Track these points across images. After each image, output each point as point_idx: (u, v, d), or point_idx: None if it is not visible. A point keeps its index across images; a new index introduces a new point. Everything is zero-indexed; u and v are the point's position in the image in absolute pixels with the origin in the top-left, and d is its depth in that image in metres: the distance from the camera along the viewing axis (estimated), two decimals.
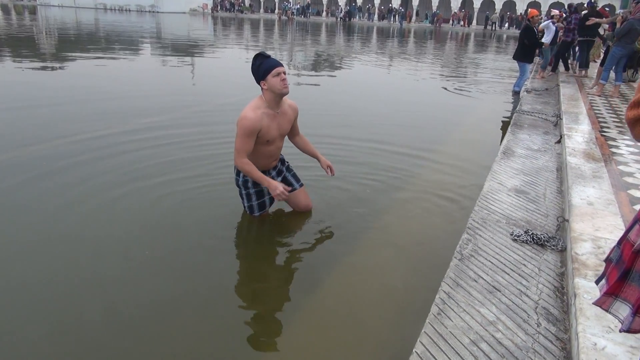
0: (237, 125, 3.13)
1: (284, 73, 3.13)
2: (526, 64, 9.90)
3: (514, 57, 10.11)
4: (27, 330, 2.38)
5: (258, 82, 3.17)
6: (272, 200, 3.66)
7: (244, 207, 3.62)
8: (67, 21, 30.36)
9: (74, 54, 14.20)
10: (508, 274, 2.59)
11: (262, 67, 3.09)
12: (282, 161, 3.70)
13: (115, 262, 3.02)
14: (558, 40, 11.43)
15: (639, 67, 9.33)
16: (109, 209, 3.73)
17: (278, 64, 3.12)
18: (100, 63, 12.33)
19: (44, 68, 11.24)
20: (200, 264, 3.07)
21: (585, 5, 11.20)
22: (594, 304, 1.42)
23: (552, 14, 11.88)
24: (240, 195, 3.59)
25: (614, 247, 1.39)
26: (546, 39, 10.95)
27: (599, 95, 8.24)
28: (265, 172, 3.47)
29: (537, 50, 10.25)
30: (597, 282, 1.46)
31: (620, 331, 1.33)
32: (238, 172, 3.45)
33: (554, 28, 11.08)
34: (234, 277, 2.99)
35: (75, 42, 18.72)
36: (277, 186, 3.24)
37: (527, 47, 9.66)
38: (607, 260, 1.42)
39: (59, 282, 2.81)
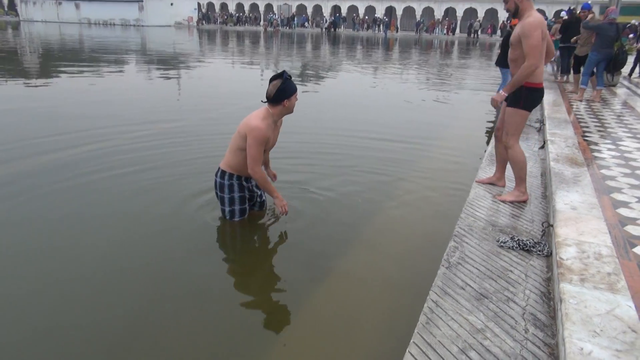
0: (250, 136, 3.31)
1: None
2: (508, 70, 10.02)
3: (496, 64, 10.24)
4: (10, 341, 2.36)
5: (280, 100, 3.32)
6: (252, 207, 3.82)
7: (224, 212, 3.65)
8: (52, 37, 30.15)
9: (66, 71, 14.12)
10: (495, 281, 2.60)
11: (290, 88, 3.35)
12: None
13: (97, 275, 2.99)
14: None
15: (615, 71, 9.49)
16: (86, 221, 3.73)
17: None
18: (86, 80, 12.26)
19: (30, 85, 11.15)
20: (183, 274, 3.07)
21: (565, 13, 11.42)
22: None
23: None
24: (220, 200, 3.65)
25: None
26: None
27: (580, 100, 8.38)
28: (248, 179, 3.63)
29: None
30: None
31: None
32: (222, 176, 3.55)
33: None
34: (216, 285, 2.99)
35: (62, 58, 18.59)
36: (285, 202, 3.56)
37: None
38: None
39: (39, 295, 2.78)
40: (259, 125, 3.31)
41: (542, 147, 5.43)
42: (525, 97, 3.60)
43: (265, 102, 3.40)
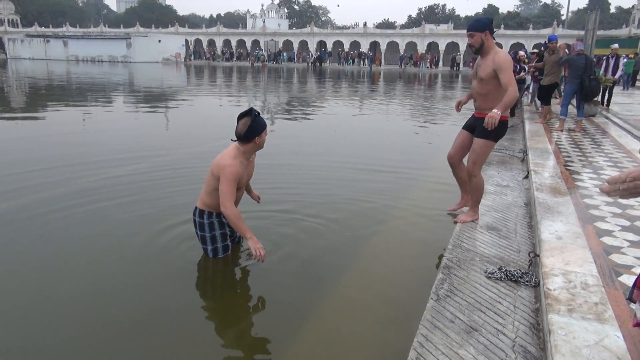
0: (222, 174, 3.29)
1: None
2: None
3: None
4: None
5: (251, 137, 3.33)
6: (233, 242, 3.75)
7: (207, 250, 3.60)
8: (41, 74, 30.25)
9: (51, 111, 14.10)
10: (484, 313, 2.60)
11: (260, 124, 3.35)
12: None
13: (78, 324, 2.89)
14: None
15: (587, 100, 9.74)
16: (67, 265, 3.64)
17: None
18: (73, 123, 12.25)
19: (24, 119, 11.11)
20: (169, 310, 3.01)
21: (544, 47, 11.82)
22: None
23: (518, 56, 12.40)
24: (201, 240, 3.60)
25: None
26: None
27: (561, 130, 8.58)
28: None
29: None
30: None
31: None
32: (201, 215, 3.52)
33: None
34: (202, 321, 2.94)
35: (51, 95, 18.60)
36: (260, 245, 3.34)
37: None
38: None
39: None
40: (231, 163, 3.31)
41: (526, 177, 5.52)
42: (496, 129, 3.78)
43: (235, 140, 3.40)
